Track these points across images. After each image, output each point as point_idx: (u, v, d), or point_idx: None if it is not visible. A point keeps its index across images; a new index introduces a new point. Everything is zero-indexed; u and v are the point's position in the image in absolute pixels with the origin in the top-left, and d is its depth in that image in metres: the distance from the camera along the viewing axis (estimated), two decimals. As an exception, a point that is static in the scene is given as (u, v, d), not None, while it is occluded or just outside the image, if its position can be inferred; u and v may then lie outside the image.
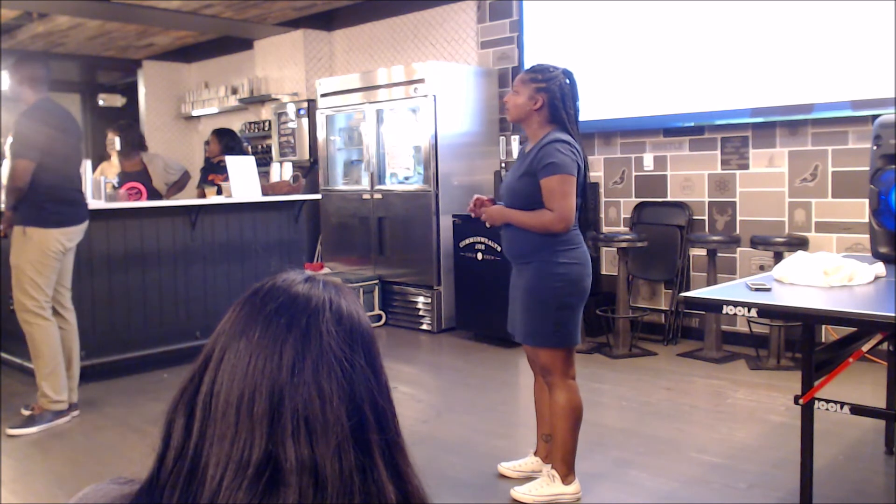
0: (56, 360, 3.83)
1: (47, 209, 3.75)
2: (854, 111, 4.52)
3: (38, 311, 3.78)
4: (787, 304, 2.40)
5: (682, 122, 5.26)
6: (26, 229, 3.74)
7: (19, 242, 3.77)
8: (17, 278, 3.77)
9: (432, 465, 3.20)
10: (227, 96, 8.97)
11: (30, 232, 3.74)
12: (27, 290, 3.76)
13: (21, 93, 3.83)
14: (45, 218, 3.75)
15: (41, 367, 3.82)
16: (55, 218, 3.78)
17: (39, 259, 3.74)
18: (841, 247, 4.66)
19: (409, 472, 0.80)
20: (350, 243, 6.62)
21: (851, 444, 3.39)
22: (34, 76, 3.84)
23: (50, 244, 3.76)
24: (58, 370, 3.83)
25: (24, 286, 3.76)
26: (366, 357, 0.79)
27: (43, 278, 3.77)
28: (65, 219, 3.82)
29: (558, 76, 2.83)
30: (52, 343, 3.82)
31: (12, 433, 3.74)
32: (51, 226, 3.76)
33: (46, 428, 3.78)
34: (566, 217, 2.74)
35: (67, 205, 3.85)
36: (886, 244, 2.90)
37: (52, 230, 3.76)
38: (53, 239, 3.77)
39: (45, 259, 3.76)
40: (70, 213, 3.85)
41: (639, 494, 2.97)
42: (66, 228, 3.82)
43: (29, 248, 3.74)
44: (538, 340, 2.84)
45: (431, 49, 6.87)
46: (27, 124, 3.75)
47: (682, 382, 4.46)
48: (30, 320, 3.79)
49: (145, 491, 0.77)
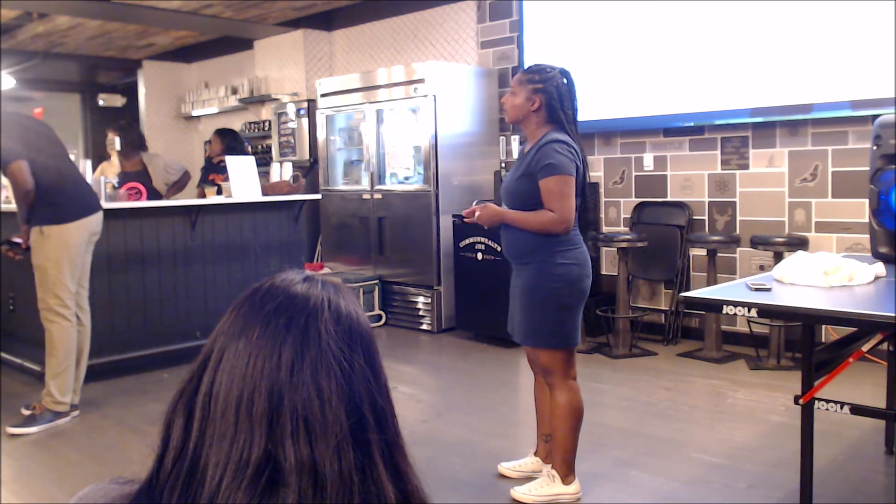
0: (68, 362, 3.84)
1: (60, 205, 3.76)
2: (854, 111, 4.52)
3: (61, 310, 3.79)
4: (787, 304, 2.40)
5: (682, 122, 5.26)
6: (43, 229, 3.74)
7: (38, 243, 3.76)
8: (41, 278, 3.77)
9: (432, 465, 3.20)
10: (227, 96, 8.97)
11: (47, 231, 3.74)
12: (51, 289, 3.76)
13: None
14: (60, 214, 3.75)
15: (53, 367, 3.82)
16: (69, 212, 3.78)
17: (61, 256, 3.75)
18: (841, 247, 4.66)
19: (409, 471, 0.80)
20: (350, 243, 6.62)
21: (851, 444, 3.39)
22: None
23: (71, 238, 3.77)
24: (67, 372, 3.84)
25: (49, 285, 3.76)
26: (365, 357, 0.79)
27: (65, 275, 3.78)
28: (79, 211, 3.83)
29: (555, 76, 2.82)
30: (67, 344, 3.83)
31: (12, 432, 3.74)
32: (68, 220, 3.77)
33: (46, 428, 3.78)
34: (566, 218, 2.73)
35: (78, 197, 3.86)
36: (886, 244, 2.90)
37: (69, 224, 3.77)
38: (73, 233, 3.78)
39: (68, 254, 3.77)
40: (83, 204, 3.86)
41: (639, 494, 2.97)
42: (83, 220, 3.83)
43: (49, 247, 3.74)
44: (537, 341, 2.83)
45: (431, 49, 6.87)
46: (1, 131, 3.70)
47: (682, 382, 4.46)
48: (51, 318, 3.80)
49: (145, 491, 0.77)
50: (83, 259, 3.90)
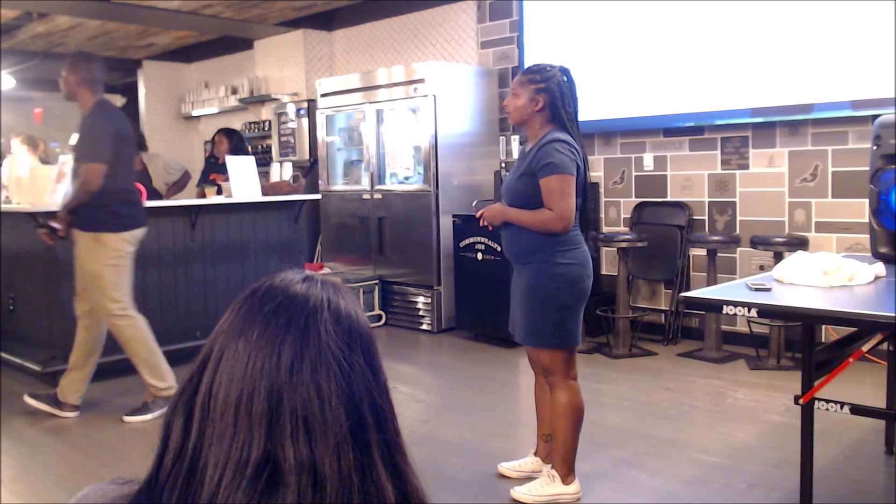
0: (150, 351, 3.89)
1: (119, 213, 3.78)
2: (854, 111, 4.52)
3: (123, 311, 3.83)
4: (787, 304, 2.40)
5: (682, 122, 5.26)
6: (99, 235, 3.74)
7: (92, 249, 3.76)
8: (99, 285, 3.78)
9: (432, 465, 3.19)
10: (227, 96, 8.97)
11: (103, 238, 3.75)
12: (110, 295, 3.78)
13: (78, 94, 3.82)
14: (117, 222, 3.78)
15: (139, 363, 3.90)
16: (126, 221, 3.82)
17: (116, 262, 3.78)
18: (841, 247, 4.66)
19: (409, 471, 0.80)
20: (350, 243, 6.62)
21: (851, 444, 3.39)
22: (92, 77, 3.83)
23: (122, 247, 3.81)
24: (154, 360, 3.89)
25: (107, 291, 3.78)
26: (364, 357, 0.79)
27: (121, 279, 3.82)
28: (133, 222, 3.87)
29: (556, 74, 2.82)
30: (143, 337, 3.88)
31: (128, 420, 3.86)
32: (122, 229, 3.80)
33: (159, 415, 3.82)
34: (566, 217, 2.73)
35: (134, 207, 3.90)
36: (886, 244, 2.90)
37: (122, 234, 3.80)
38: (124, 241, 3.82)
39: (121, 261, 3.81)
40: (137, 215, 3.91)
41: (639, 494, 2.97)
42: (134, 231, 3.87)
43: (104, 254, 3.76)
44: (538, 341, 2.83)
45: (431, 49, 6.87)
46: (93, 127, 3.76)
47: (682, 382, 4.46)
48: (117, 322, 3.84)
49: (144, 491, 0.77)
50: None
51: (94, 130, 3.75)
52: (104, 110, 3.84)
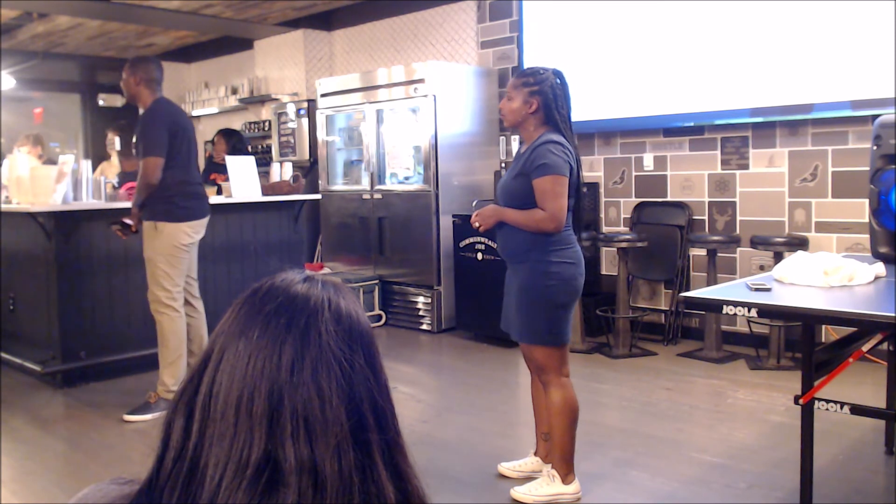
0: (179, 351, 3.98)
1: (177, 204, 3.92)
2: (854, 111, 4.52)
3: (170, 301, 3.94)
4: (787, 304, 2.40)
5: (682, 122, 5.26)
6: (157, 224, 3.90)
7: (151, 237, 3.93)
8: (151, 271, 3.94)
9: (432, 465, 3.20)
10: (227, 96, 8.97)
11: (160, 227, 3.90)
12: (160, 283, 3.92)
13: (138, 94, 3.99)
14: (175, 213, 3.91)
15: (165, 356, 3.98)
16: (184, 212, 3.95)
17: (171, 252, 3.91)
18: (841, 247, 4.66)
19: (409, 471, 0.80)
20: (350, 243, 6.62)
21: (851, 444, 3.39)
22: (151, 77, 4.02)
23: (180, 238, 3.92)
24: (179, 361, 3.98)
25: (158, 279, 3.92)
26: (365, 357, 0.79)
27: (175, 270, 3.94)
28: (192, 213, 3.99)
29: (549, 77, 2.86)
30: (179, 334, 3.98)
31: (128, 419, 3.89)
32: (180, 220, 3.93)
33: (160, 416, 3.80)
34: (557, 217, 2.76)
35: (194, 199, 4.02)
36: (886, 244, 2.90)
37: (181, 224, 3.93)
38: (182, 232, 3.93)
39: (177, 252, 3.93)
40: (197, 206, 4.03)
41: (639, 494, 2.97)
42: (194, 222, 4.00)
43: (160, 243, 3.90)
44: (532, 338, 2.86)
45: (431, 49, 6.87)
46: (151, 124, 3.90)
47: (682, 382, 4.46)
48: (161, 310, 3.95)
49: (145, 491, 0.77)
50: (191, 255, 4.07)
51: (151, 126, 3.89)
52: (160, 106, 3.98)
